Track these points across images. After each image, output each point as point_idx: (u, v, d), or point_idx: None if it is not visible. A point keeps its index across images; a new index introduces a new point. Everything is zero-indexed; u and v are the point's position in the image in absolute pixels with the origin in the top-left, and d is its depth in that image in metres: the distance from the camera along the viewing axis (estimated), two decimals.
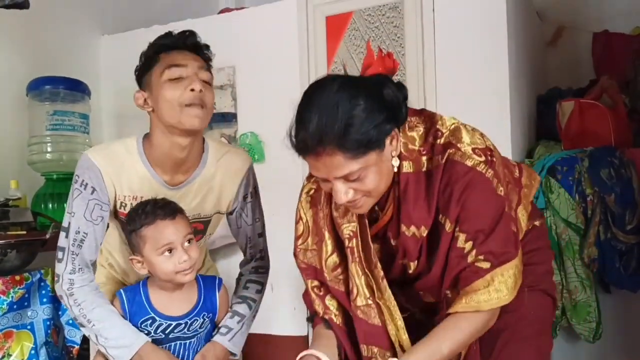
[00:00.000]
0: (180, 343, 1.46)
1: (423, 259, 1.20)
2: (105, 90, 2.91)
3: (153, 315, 1.43)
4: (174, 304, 1.44)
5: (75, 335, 1.92)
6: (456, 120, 1.20)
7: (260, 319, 1.64)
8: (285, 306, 2.49)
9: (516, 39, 2.31)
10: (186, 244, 1.39)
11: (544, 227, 1.40)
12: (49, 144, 2.34)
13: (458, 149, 1.13)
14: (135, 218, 1.38)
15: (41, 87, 2.33)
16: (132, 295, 1.45)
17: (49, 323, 1.88)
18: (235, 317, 1.51)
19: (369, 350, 1.25)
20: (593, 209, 2.08)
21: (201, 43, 1.43)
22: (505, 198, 1.14)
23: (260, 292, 1.61)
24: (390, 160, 1.14)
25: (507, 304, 1.14)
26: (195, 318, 1.46)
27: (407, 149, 1.17)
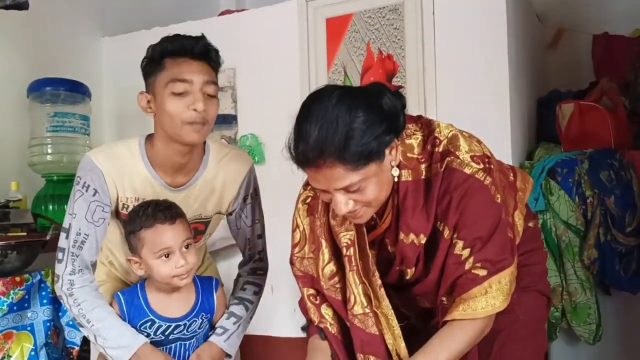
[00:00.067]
0: (180, 344, 1.46)
1: (420, 266, 1.20)
2: (106, 91, 2.92)
3: (152, 317, 1.43)
4: (172, 305, 1.45)
5: (75, 336, 1.92)
6: (453, 127, 1.21)
7: (260, 320, 1.64)
8: (285, 308, 2.49)
9: (516, 41, 2.31)
10: (184, 249, 1.39)
11: (537, 228, 1.42)
12: (49, 146, 2.34)
13: (456, 156, 1.14)
14: (136, 219, 1.38)
15: (42, 89, 2.33)
16: (131, 297, 1.45)
17: (49, 324, 1.88)
18: (232, 318, 1.51)
19: None
20: (593, 211, 2.09)
21: (211, 49, 1.38)
22: (502, 205, 1.15)
23: (257, 294, 1.61)
24: (390, 170, 1.14)
25: None
26: (194, 319, 1.46)
27: (406, 158, 1.17)
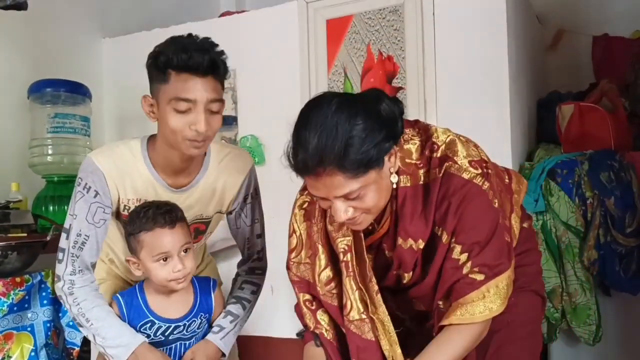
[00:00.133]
0: (180, 343, 1.47)
1: (418, 270, 1.20)
2: (107, 92, 2.93)
3: (152, 318, 1.43)
4: (171, 306, 1.45)
5: (75, 337, 1.92)
6: (450, 132, 1.21)
7: (260, 321, 1.64)
8: (284, 308, 2.48)
9: (516, 42, 2.32)
10: (182, 253, 1.39)
11: (532, 229, 1.42)
12: (50, 147, 2.34)
13: (455, 162, 1.14)
14: (136, 221, 1.38)
15: (42, 90, 2.33)
16: (130, 299, 1.45)
17: (49, 325, 1.88)
18: (229, 317, 1.51)
19: None
20: (593, 211, 2.09)
21: (218, 62, 1.31)
22: (500, 209, 1.15)
23: (255, 294, 1.61)
24: (389, 177, 1.15)
25: None
26: (193, 319, 1.47)
27: (405, 163, 1.18)
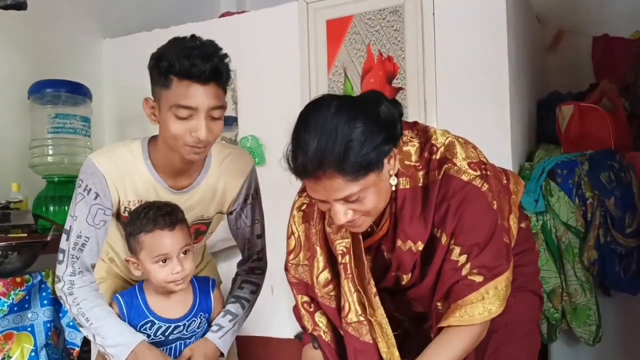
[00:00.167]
0: (181, 343, 1.47)
1: (417, 272, 1.21)
2: (107, 93, 2.93)
3: (152, 318, 1.43)
4: (171, 306, 1.45)
5: (75, 337, 1.91)
6: (449, 133, 1.22)
7: (260, 321, 1.64)
8: (284, 309, 2.48)
9: (516, 43, 2.32)
10: (182, 255, 1.39)
11: (529, 229, 1.42)
12: (50, 147, 2.35)
13: (454, 163, 1.14)
14: (136, 221, 1.38)
15: (43, 90, 2.33)
16: (130, 299, 1.45)
17: (49, 325, 1.88)
18: (228, 316, 1.51)
19: None
20: (593, 212, 2.09)
21: (221, 69, 1.29)
22: (498, 211, 1.16)
23: (254, 293, 1.61)
24: (388, 179, 1.15)
25: None
26: (193, 319, 1.47)
27: (404, 165, 1.18)
